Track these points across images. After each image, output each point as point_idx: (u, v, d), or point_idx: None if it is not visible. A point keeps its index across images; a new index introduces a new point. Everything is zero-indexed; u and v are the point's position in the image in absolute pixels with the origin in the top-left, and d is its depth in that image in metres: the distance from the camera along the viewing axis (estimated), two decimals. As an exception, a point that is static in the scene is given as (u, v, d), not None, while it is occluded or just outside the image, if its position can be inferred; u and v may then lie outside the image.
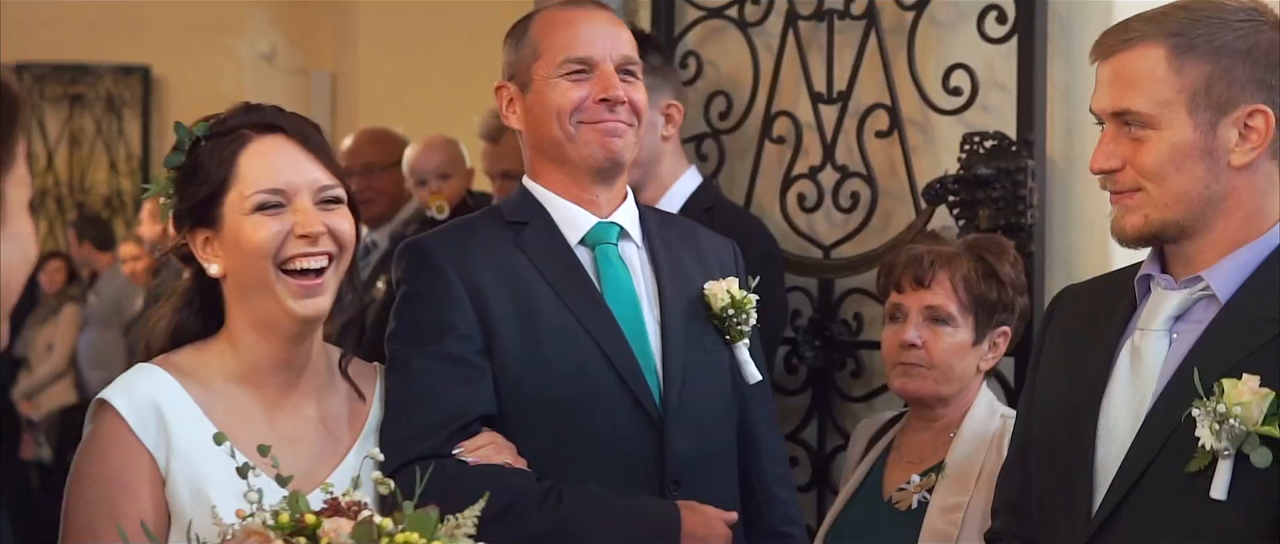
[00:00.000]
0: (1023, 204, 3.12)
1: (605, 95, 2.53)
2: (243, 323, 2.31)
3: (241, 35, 9.72)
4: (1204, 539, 2.03)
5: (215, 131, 2.30)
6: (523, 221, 2.58)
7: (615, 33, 2.61)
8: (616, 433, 2.49)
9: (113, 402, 2.24)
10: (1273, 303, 2.06)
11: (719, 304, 2.59)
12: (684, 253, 2.66)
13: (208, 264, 2.30)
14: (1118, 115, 2.13)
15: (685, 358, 2.55)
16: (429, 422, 2.41)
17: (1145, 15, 2.16)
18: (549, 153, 2.58)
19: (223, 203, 2.27)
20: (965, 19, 3.27)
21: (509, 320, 2.49)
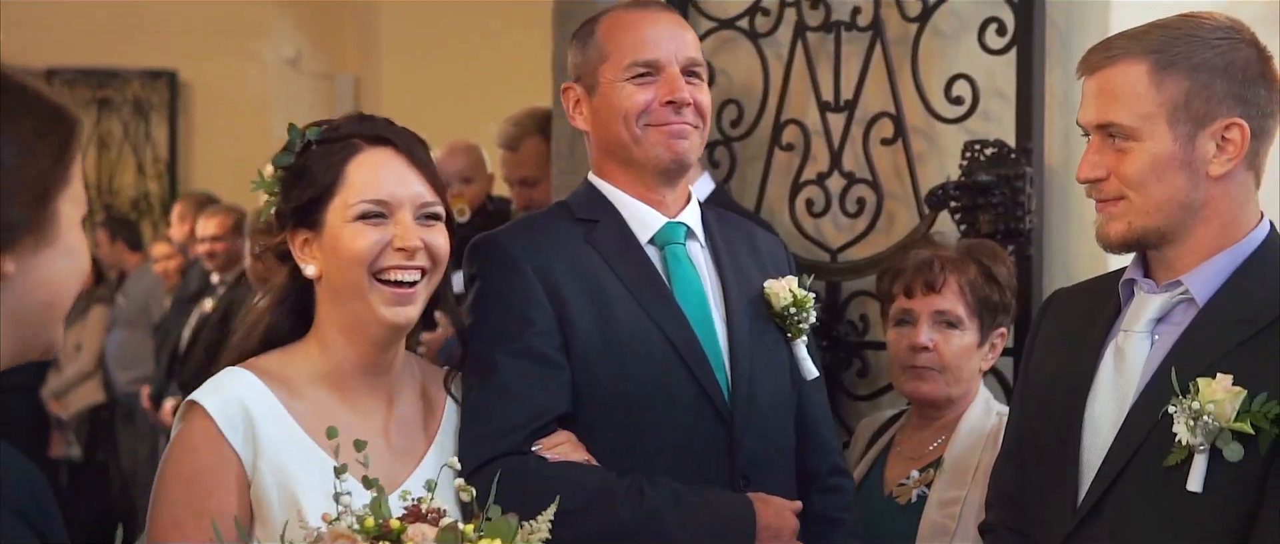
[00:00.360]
0: (1022, 209, 3.22)
1: (671, 98, 2.55)
2: (332, 325, 2.34)
3: (266, 39, 9.85)
4: (1181, 529, 2.14)
5: (327, 137, 2.35)
6: (593, 219, 2.60)
7: (680, 35, 2.62)
8: (688, 430, 2.50)
9: (203, 403, 2.27)
10: (1247, 306, 2.18)
11: (781, 302, 2.63)
12: (743, 251, 2.69)
13: (305, 265, 2.33)
14: (1102, 127, 2.24)
15: (751, 356, 2.57)
16: (510, 420, 2.42)
17: (1129, 33, 2.28)
18: (616, 154, 2.60)
19: (327, 207, 2.31)
20: (967, 30, 3.36)
21: (585, 317, 2.50)
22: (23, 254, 1.54)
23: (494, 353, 2.46)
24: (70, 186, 1.58)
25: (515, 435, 2.40)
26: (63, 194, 1.57)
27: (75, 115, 1.59)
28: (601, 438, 2.47)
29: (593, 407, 2.49)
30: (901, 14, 3.46)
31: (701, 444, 2.51)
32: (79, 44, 9.58)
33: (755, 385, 2.56)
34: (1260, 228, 2.25)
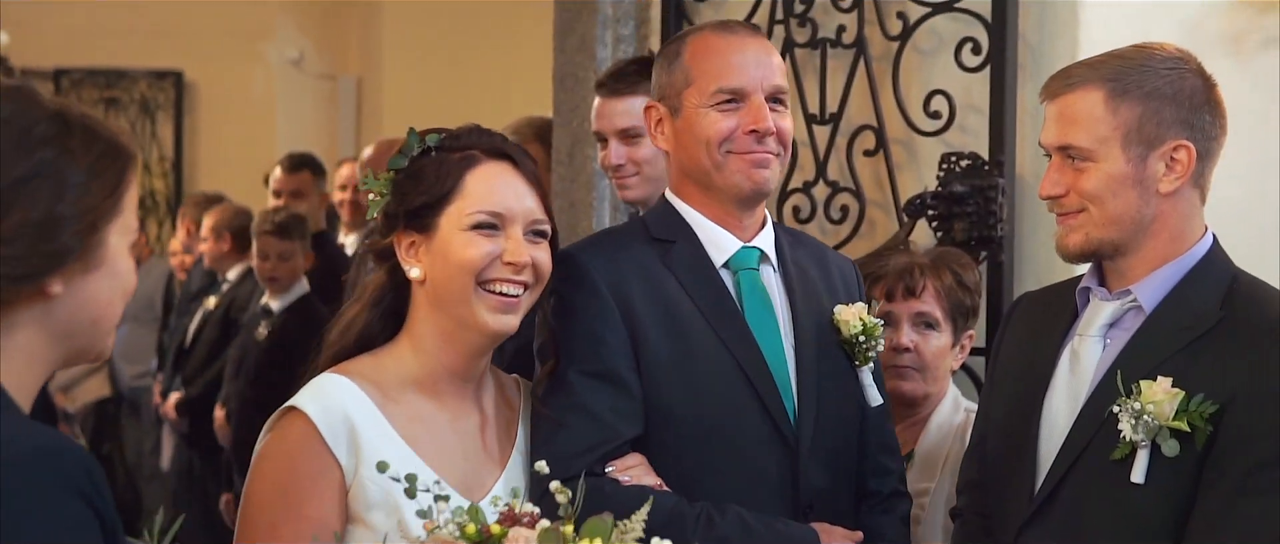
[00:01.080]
0: (994, 218, 3.40)
1: (755, 127, 2.53)
2: (430, 329, 2.35)
3: (270, 41, 10.00)
4: (1126, 517, 2.33)
5: (447, 145, 2.38)
6: (670, 240, 2.58)
7: (767, 61, 2.59)
8: (755, 458, 2.50)
9: (306, 410, 2.25)
10: (1188, 314, 2.37)
11: (851, 330, 2.62)
12: (815, 275, 2.68)
13: (410, 267, 2.35)
14: (1063, 149, 2.44)
15: (818, 386, 2.57)
16: (584, 441, 2.42)
17: (1087, 62, 2.48)
18: (696, 177, 2.59)
19: (442, 213, 2.33)
20: (945, 49, 3.55)
21: (660, 340, 2.50)
22: (72, 277, 1.70)
23: (568, 372, 2.46)
24: (121, 217, 1.75)
25: (588, 456, 2.40)
26: (113, 225, 1.74)
27: (132, 151, 1.76)
28: (670, 461, 2.46)
29: (662, 429, 2.48)
30: (883, 33, 3.65)
31: (768, 473, 2.50)
32: (87, 45, 9.74)
33: (822, 417, 2.55)
34: (1203, 241, 2.45)
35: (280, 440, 2.27)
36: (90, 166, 1.71)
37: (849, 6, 3.68)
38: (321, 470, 2.24)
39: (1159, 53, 2.45)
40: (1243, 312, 2.34)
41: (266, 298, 5.90)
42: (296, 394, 2.30)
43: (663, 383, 2.48)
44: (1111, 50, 2.51)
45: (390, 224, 2.38)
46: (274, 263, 5.83)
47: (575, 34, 4.22)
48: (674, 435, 2.48)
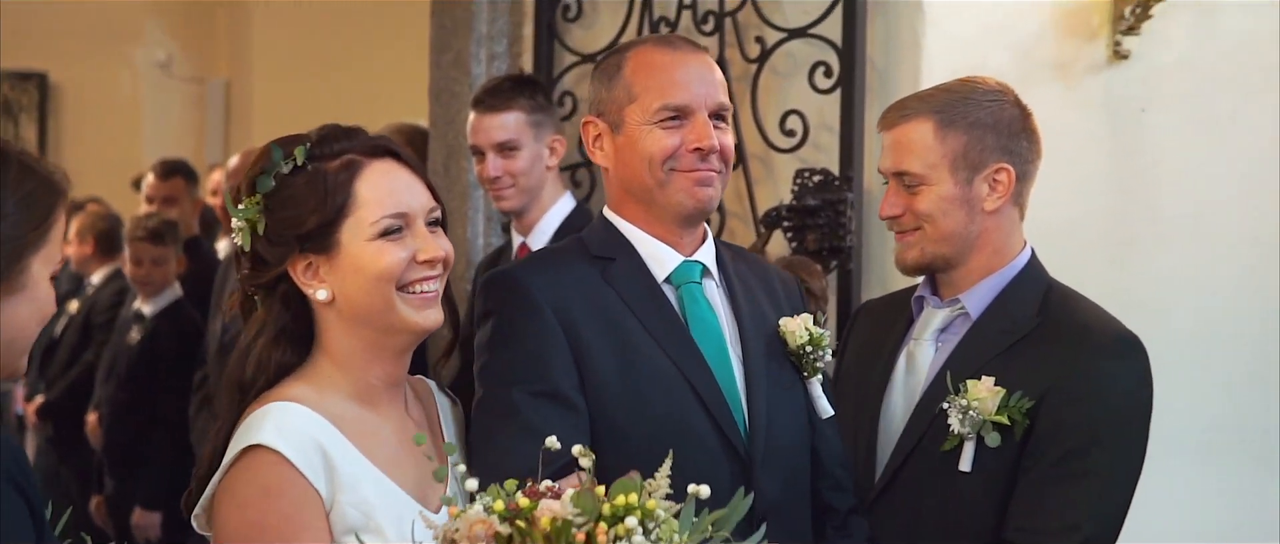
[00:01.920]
0: (843, 229, 3.66)
1: (699, 145, 2.49)
2: (352, 345, 2.26)
3: (138, 43, 9.95)
4: (955, 501, 2.60)
5: (320, 155, 2.25)
6: (610, 257, 2.54)
7: (710, 78, 2.55)
8: (706, 472, 2.35)
9: (274, 445, 2.13)
10: (1009, 319, 2.65)
11: (797, 341, 2.59)
12: (758, 288, 2.65)
13: (314, 290, 2.24)
14: (898, 174, 2.70)
15: (768, 398, 2.53)
16: (529, 461, 2.26)
17: (918, 95, 2.75)
18: (637, 194, 2.54)
19: (340, 228, 2.22)
20: (799, 71, 3.79)
21: (605, 357, 2.45)
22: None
23: (512, 392, 2.40)
24: (46, 248, 1.88)
25: (534, 477, 2.20)
26: (38, 254, 1.88)
27: (64, 189, 1.90)
28: (620, 475, 2.34)
29: (610, 448, 2.39)
30: (743, 56, 3.89)
31: (721, 485, 2.31)
32: (-52, 45, 9.63)
33: (773, 426, 2.53)
34: (1023, 254, 2.73)
35: (252, 482, 2.14)
36: (22, 199, 1.84)
37: (711, 30, 3.91)
38: (305, 502, 2.13)
39: (981, 86, 2.72)
40: (1055, 317, 2.63)
41: (138, 303, 5.97)
42: (248, 432, 2.16)
43: (609, 401, 2.44)
44: (940, 84, 2.78)
45: (279, 252, 2.25)
46: (147, 268, 5.90)
47: (451, 50, 4.41)
48: (622, 453, 2.36)
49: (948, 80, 2.79)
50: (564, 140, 3.92)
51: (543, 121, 3.83)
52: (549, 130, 3.86)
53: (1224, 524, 3.78)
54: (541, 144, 3.82)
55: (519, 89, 3.85)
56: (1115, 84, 3.74)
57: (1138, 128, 3.79)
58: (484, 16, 4.38)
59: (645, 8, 4.05)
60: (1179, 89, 3.78)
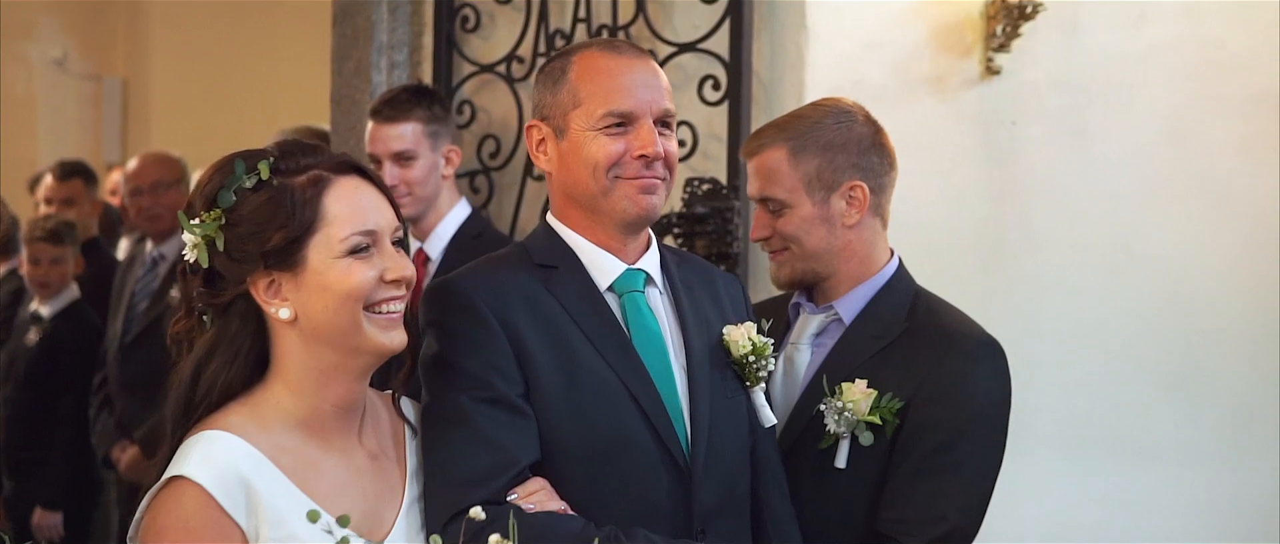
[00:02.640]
0: (731, 236, 3.81)
1: (644, 152, 2.46)
2: (309, 367, 2.19)
3: (32, 40, 9.85)
4: (831, 496, 2.77)
5: (285, 170, 2.19)
6: (552, 265, 2.51)
7: (656, 84, 2.52)
8: (647, 482, 2.44)
9: (195, 477, 2.08)
10: (879, 325, 2.82)
11: (740, 350, 2.59)
12: (703, 295, 2.64)
13: (276, 308, 2.17)
14: (762, 200, 2.86)
15: (711, 407, 2.52)
16: (482, 468, 2.32)
17: (773, 125, 2.93)
18: (580, 201, 2.51)
19: (307, 245, 2.15)
20: (689, 84, 3.92)
21: (548, 366, 2.42)
22: None
23: (461, 400, 2.36)
24: None
25: (491, 484, 2.32)
26: None
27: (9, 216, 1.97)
28: (563, 488, 2.38)
29: (554, 456, 2.41)
30: (635, 68, 4.03)
31: (660, 497, 2.45)
32: None
33: (714, 437, 2.51)
34: (891, 263, 2.90)
35: (171, 512, 2.10)
36: None
37: (604, 43, 4.05)
38: (221, 537, 2.09)
39: (832, 108, 2.89)
40: (922, 323, 2.81)
41: (36, 304, 5.98)
42: (175, 461, 2.12)
43: (552, 411, 2.41)
44: (794, 110, 2.96)
45: (241, 269, 2.17)
46: (46, 268, 5.91)
47: (352, 59, 4.51)
48: (566, 462, 2.40)
49: (805, 105, 2.96)
50: (460, 150, 4.05)
51: (439, 131, 3.95)
52: (445, 140, 3.98)
53: (1092, 516, 4.00)
54: (438, 153, 3.94)
55: (416, 100, 3.96)
56: (987, 98, 3.93)
57: (1009, 140, 3.99)
58: (384, 26, 4.48)
59: (541, 20, 4.17)
60: (1047, 103, 3.97)
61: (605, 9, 4.05)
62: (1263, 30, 3.96)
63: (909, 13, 3.86)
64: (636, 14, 3.98)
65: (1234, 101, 3.99)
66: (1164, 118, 4.02)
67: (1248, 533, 3.94)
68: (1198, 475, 3.98)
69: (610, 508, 2.40)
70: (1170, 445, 4.00)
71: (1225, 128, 4.00)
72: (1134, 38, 3.99)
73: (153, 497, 2.13)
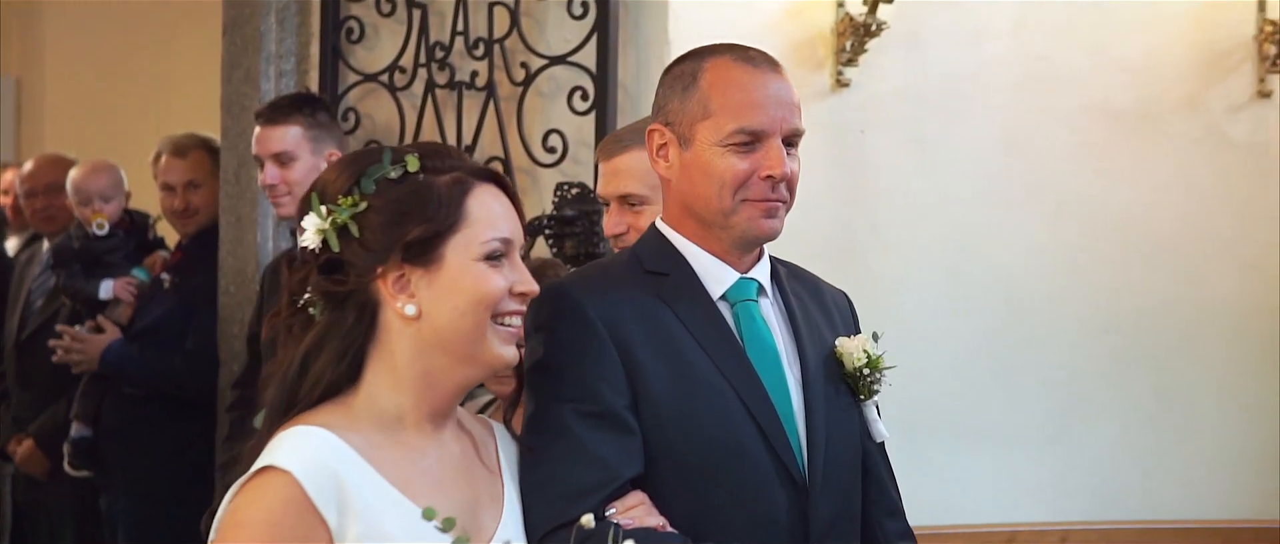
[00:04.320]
0: (597, 237, 4.01)
1: (771, 173, 2.36)
2: (413, 370, 2.10)
3: (-78, 38, 9.83)
4: None
5: (431, 168, 2.12)
6: (663, 272, 2.42)
7: (789, 101, 2.41)
8: (763, 497, 2.33)
9: (289, 467, 1.99)
10: None
11: (855, 363, 2.48)
12: (813, 307, 2.54)
13: (403, 303, 2.08)
14: (622, 197, 3.11)
15: (827, 421, 2.42)
16: (583, 483, 2.24)
17: (630, 128, 3.14)
18: (700, 215, 2.42)
19: (447, 243, 2.08)
20: (560, 94, 4.16)
21: (660, 376, 2.33)
22: None
23: (565, 412, 2.28)
24: None
25: (590, 499, 2.22)
26: None
27: None
28: (673, 502, 2.29)
29: (668, 469, 2.31)
30: (510, 79, 4.26)
31: (777, 513, 2.34)
32: None
33: (831, 451, 2.41)
34: None
35: (258, 502, 2.01)
36: None
37: (481, 55, 4.29)
38: (307, 534, 1.99)
39: None
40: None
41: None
42: (266, 452, 2.03)
43: (664, 421, 2.32)
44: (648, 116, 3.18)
45: (375, 258, 2.08)
46: (-62, 267, 6.02)
47: (241, 67, 4.72)
48: (677, 475, 2.31)
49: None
50: (339, 155, 4.27)
51: (320, 136, 4.18)
52: (328, 145, 4.20)
53: (932, 495, 4.27)
54: (319, 157, 4.16)
55: (298, 105, 4.20)
56: (838, 109, 4.16)
57: (858, 148, 4.22)
58: (273, 36, 4.70)
59: (422, 32, 4.41)
60: (892, 114, 4.20)
61: (482, 23, 4.29)
62: (1086, 46, 4.28)
63: (764, 29, 4.12)
64: (511, 28, 4.23)
65: (1062, 112, 4.31)
66: (999, 127, 4.32)
67: (1072, 508, 4.28)
68: (1026, 456, 4.26)
69: (723, 522, 2.31)
70: (1002, 429, 4.25)
71: (1055, 136, 4.31)
72: (971, 53, 4.27)
73: (239, 487, 2.03)
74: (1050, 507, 4.26)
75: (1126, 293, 4.35)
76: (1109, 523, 4.29)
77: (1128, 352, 4.36)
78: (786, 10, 4.13)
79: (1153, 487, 4.37)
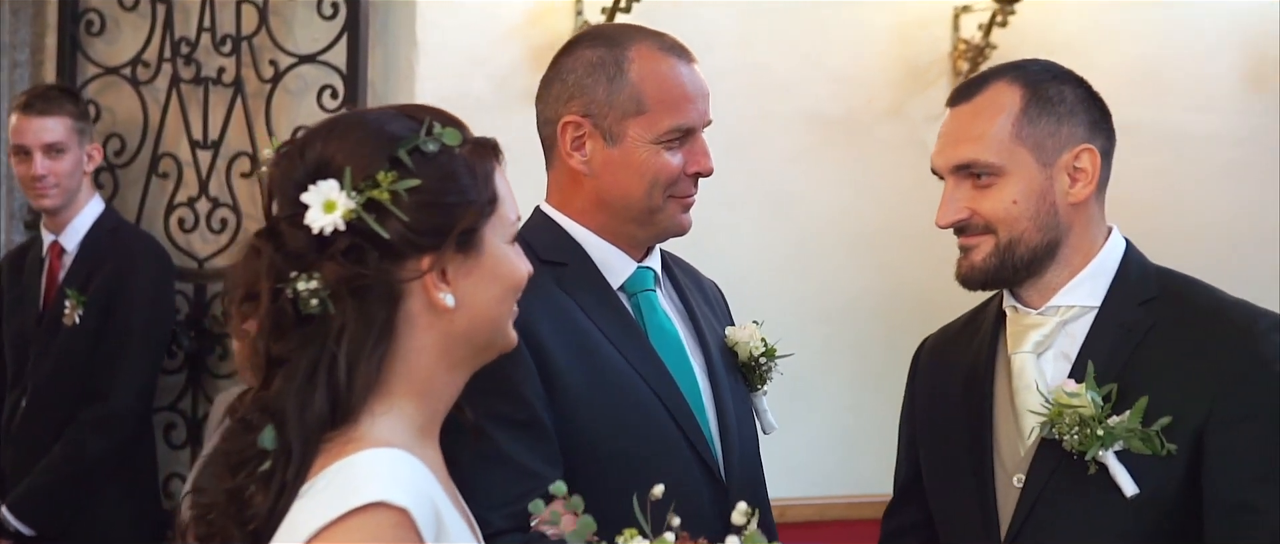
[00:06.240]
0: (347, 231, 4.20)
1: (699, 169, 2.32)
2: (436, 367, 1.79)
3: None
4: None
5: (468, 140, 1.81)
6: (561, 262, 2.30)
7: (707, 92, 2.35)
8: (687, 492, 2.14)
9: (400, 503, 1.64)
10: None
11: (751, 352, 2.43)
12: (700, 297, 2.48)
13: (444, 293, 1.76)
14: None
15: (734, 410, 2.36)
16: (503, 493, 2.11)
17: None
18: (618, 209, 2.31)
19: (487, 226, 1.80)
20: (309, 91, 4.27)
21: (573, 370, 2.23)
22: None
23: (479, 419, 2.04)
24: None
25: (511, 508, 2.10)
26: None
27: None
28: (598, 498, 2.01)
29: (587, 465, 2.20)
30: (258, 76, 4.35)
31: (700, 506, 2.23)
32: None
33: (742, 445, 2.36)
34: None
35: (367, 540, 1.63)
36: None
37: (229, 52, 4.36)
38: None
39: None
40: None
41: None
42: (357, 481, 1.66)
43: (581, 417, 2.22)
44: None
45: (423, 243, 1.75)
46: None
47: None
48: (598, 472, 2.18)
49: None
50: (100, 147, 4.30)
51: (85, 130, 4.22)
52: (88, 138, 4.24)
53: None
54: (82, 150, 4.19)
55: (65, 96, 4.23)
56: None
57: None
58: (6, 25, 4.64)
59: (166, 27, 4.45)
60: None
61: (229, 20, 4.36)
62: (804, 57, 4.65)
63: (508, 33, 4.32)
64: (260, 25, 4.31)
65: (780, 119, 4.66)
66: (727, 132, 4.60)
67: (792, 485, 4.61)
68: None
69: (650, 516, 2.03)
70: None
71: (773, 141, 4.65)
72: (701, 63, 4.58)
73: (328, 526, 1.63)
74: (773, 485, 4.57)
75: (836, 285, 4.72)
76: (822, 498, 4.65)
77: (836, 339, 4.73)
78: (528, 16, 4.34)
79: (859, 464, 4.74)
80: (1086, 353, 2.31)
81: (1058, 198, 2.35)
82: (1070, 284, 2.37)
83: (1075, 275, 2.37)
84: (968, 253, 2.40)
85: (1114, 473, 2.22)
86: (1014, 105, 2.35)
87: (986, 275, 2.38)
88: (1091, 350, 2.31)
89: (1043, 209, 2.34)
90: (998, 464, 2.37)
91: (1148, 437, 2.22)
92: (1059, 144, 2.35)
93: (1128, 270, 2.39)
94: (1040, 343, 2.36)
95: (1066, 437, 2.24)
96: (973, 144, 2.37)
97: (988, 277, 2.39)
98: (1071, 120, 2.36)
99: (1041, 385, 2.31)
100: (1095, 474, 2.24)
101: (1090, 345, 2.32)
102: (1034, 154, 2.34)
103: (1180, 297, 2.36)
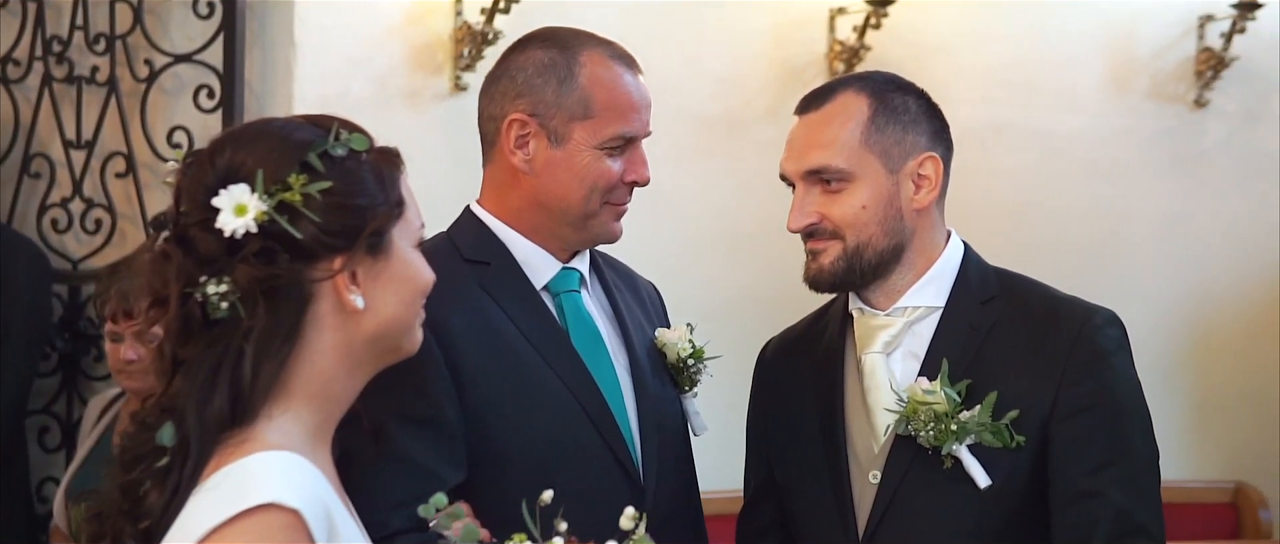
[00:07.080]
0: (225, 232, 4.17)
1: (637, 178, 2.35)
2: (336, 371, 1.81)
3: None
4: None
5: (373, 146, 1.85)
6: (484, 261, 2.31)
7: (651, 104, 2.38)
8: (597, 491, 2.20)
9: (291, 503, 1.65)
10: None
11: (679, 354, 2.45)
12: (631, 298, 2.48)
13: (353, 295, 1.78)
14: None
15: (657, 413, 2.36)
16: (404, 493, 2.08)
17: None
18: (553, 211, 2.33)
19: (394, 229, 1.82)
20: (185, 91, 4.23)
21: (486, 370, 2.22)
22: None
23: (381, 417, 2.07)
24: None
25: (410, 508, 2.04)
26: None
27: None
28: (509, 499, 1.97)
29: (494, 467, 2.20)
30: (133, 75, 4.29)
31: (613, 507, 2.05)
32: None
33: (664, 447, 2.36)
34: None
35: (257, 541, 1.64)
36: None
37: (103, 50, 4.30)
38: None
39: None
40: None
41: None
42: (250, 482, 1.67)
43: (491, 417, 2.22)
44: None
45: (334, 244, 1.78)
46: None
47: None
48: (510, 473, 2.19)
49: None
50: None
51: None
52: None
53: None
54: None
55: None
56: (457, 111, 4.33)
57: (474, 148, 4.37)
58: None
59: (38, 24, 4.37)
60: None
61: (103, 18, 4.30)
62: (682, 58, 4.70)
63: (387, 34, 4.32)
64: (134, 24, 4.26)
65: (660, 118, 4.63)
66: (612, 132, 4.68)
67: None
68: (632, 433, 4.66)
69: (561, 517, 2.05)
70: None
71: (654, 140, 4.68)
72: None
73: (216, 528, 1.64)
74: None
75: (717, 284, 4.78)
76: (704, 493, 4.70)
77: (718, 337, 4.76)
78: (408, 16, 4.34)
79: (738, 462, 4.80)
80: (936, 351, 2.38)
81: (903, 203, 2.44)
82: (916, 286, 2.45)
83: (920, 277, 2.45)
84: (817, 256, 2.48)
85: (968, 466, 2.31)
86: (862, 114, 2.43)
87: (836, 278, 2.46)
88: (941, 349, 2.39)
89: (890, 214, 2.43)
90: (853, 462, 2.42)
91: (998, 430, 2.30)
92: (904, 152, 2.44)
93: (967, 271, 2.47)
94: (889, 343, 2.43)
95: (921, 433, 2.32)
96: (823, 150, 2.44)
97: (836, 279, 2.46)
98: (915, 129, 2.46)
99: (893, 384, 2.38)
100: (950, 468, 2.33)
101: (938, 344, 2.40)
102: (882, 161, 2.43)
103: (1018, 295, 2.45)
